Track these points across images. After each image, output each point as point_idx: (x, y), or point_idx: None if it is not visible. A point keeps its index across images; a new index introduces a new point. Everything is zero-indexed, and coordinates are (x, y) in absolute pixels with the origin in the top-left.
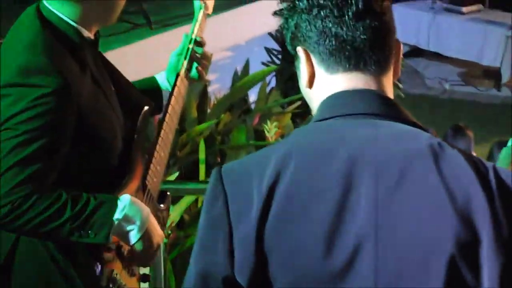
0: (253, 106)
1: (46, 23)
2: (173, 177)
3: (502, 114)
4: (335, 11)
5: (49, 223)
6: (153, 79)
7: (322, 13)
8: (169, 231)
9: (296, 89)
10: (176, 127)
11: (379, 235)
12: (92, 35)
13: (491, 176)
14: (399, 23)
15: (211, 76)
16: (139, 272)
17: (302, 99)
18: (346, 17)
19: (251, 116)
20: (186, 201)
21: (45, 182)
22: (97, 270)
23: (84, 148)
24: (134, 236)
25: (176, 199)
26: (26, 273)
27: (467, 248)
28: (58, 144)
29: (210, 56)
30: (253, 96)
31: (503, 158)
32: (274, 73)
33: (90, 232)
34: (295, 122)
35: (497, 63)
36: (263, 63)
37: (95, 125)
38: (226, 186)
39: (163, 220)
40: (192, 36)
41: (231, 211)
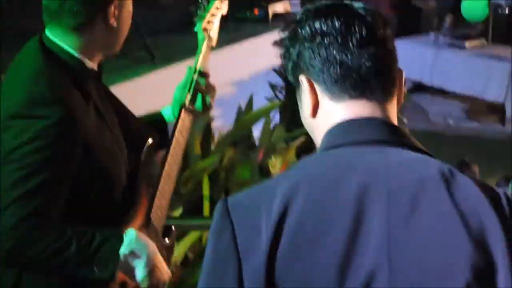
0: (257, 141)
1: (49, 54)
2: (177, 213)
3: (507, 149)
4: (339, 38)
5: (53, 258)
6: (158, 113)
7: (326, 40)
8: (172, 269)
9: (300, 124)
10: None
11: (392, 265)
12: (95, 66)
13: (504, 202)
14: (402, 59)
15: (214, 111)
16: None
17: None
18: (350, 44)
19: (256, 151)
20: (190, 238)
21: (48, 216)
22: None
23: (88, 181)
24: (140, 271)
25: (180, 237)
26: None
27: (483, 274)
28: (62, 177)
29: (214, 87)
30: (257, 131)
31: None
32: (278, 108)
33: (95, 268)
34: (299, 158)
35: (501, 98)
36: (267, 99)
37: (99, 157)
38: (233, 218)
39: (168, 254)
40: (195, 67)
41: (239, 243)
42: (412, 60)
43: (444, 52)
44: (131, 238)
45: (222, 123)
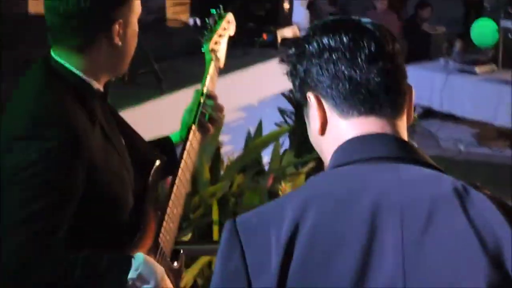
0: (266, 167)
1: (53, 74)
2: (186, 238)
3: None
4: (347, 54)
5: (58, 283)
6: (166, 136)
7: (334, 56)
8: None
9: (310, 149)
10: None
11: (407, 284)
12: (101, 87)
13: None
14: (412, 85)
15: (223, 137)
16: None
17: (316, 159)
18: (359, 59)
19: (265, 177)
20: (199, 264)
21: (53, 239)
22: None
23: (94, 203)
24: None
25: (189, 263)
26: None
27: None
28: (67, 199)
29: (223, 107)
30: (266, 157)
31: None
32: (287, 133)
33: None
34: None
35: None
36: (276, 124)
37: (105, 179)
38: (241, 238)
39: (176, 279)
40: (203, 89)
41: (249, 264)
42: (422, 85)
43: (454, 78)
44: (139, 263)
45: (231, 148)
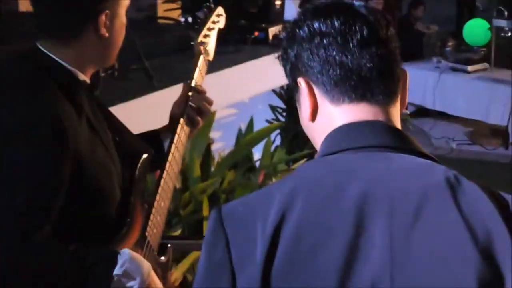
0: (257, 164)
1: (40, 67)
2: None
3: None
4: (339, 38)
5: (43, 278)
6: (154, 130)
7: (325, 41)
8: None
9: (301, 146)
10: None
11: (394, 276)
12: (87, 79)
13: None
14: None
15: (214, 133)
16: None
17: (307, 156)
18: (351, 44)
19: (256, 174)
20: (189, 260)
21: (39, 233)
22: None
23: (81, 197)
24: None
25: (179, 259)
26: None
27: (491, 286)
28: (54, 192)
29: (211, 101)
30: (257, 154)
31: None
32: (278, 130)
33: None
34: None
35: (504, 121)
36: (268, 121)
37: (92, 172)
38: (227, 230)
39: (164, 273)
40: (192, 82)
41: (234, 256)
42: (415, 84)
43: (446, 76)
44: (125, 259)
45: (222, 145)
